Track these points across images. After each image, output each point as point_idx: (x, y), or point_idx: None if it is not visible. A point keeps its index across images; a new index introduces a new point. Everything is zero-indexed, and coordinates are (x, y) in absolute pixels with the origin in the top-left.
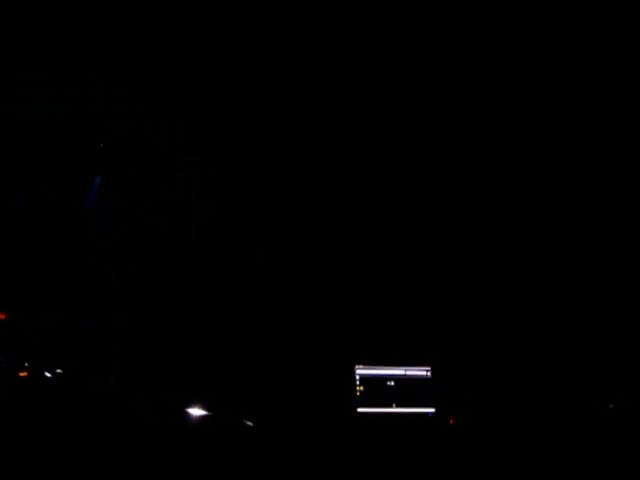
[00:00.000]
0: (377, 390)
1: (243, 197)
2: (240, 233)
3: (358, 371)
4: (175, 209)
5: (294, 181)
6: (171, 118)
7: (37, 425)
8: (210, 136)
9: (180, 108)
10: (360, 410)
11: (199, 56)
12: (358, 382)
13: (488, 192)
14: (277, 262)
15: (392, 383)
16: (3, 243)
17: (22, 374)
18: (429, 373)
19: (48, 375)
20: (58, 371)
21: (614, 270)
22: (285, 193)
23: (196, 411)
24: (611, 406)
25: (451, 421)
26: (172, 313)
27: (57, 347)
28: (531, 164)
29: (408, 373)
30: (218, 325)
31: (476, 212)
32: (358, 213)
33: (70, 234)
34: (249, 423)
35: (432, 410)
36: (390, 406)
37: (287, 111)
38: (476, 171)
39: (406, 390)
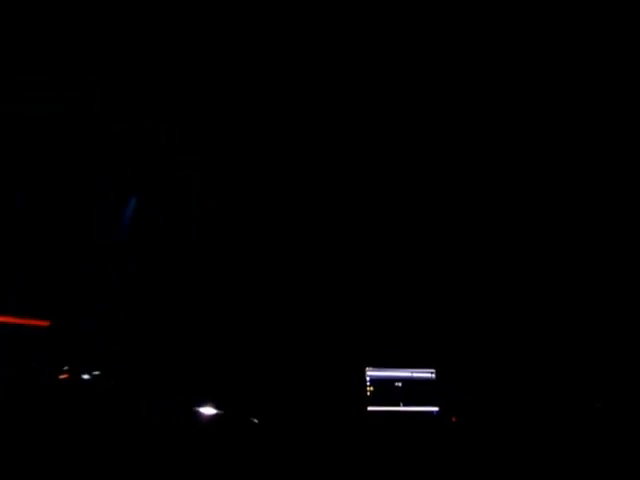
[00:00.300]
0: (386, 390)
1: (243, 197)
2: (242, 233)
3: (368, 373)
4: (175, 209)
5: (297, 182)
6: (171, 118)
7: (73, 422)
8: (210, 136)
9: (180, 108)
10: (370, 409)
11: (199, 56)
12: (368, 383)
13: (494, 198)
14: (290, 268)
15: (399, 384)
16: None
17: (63, 376)
18: (434, 375)
19: (86, 377)
20: (95, 373)
21: (612, 277)
22: (288, 194)
23: (207, 410)
24: (597, 405)
25: (453, 419)
26: (187, 317)
27: (93, 350)
28: (533, 165)
29: (414, 375)
30: (234, 329)
31: (480, 221)
32: (366, 224)
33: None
34: (255, 421)
35: (436, 409)
36: (398, 405)
37: (287, 111)
38: (485, 176)
39: (412, 390)
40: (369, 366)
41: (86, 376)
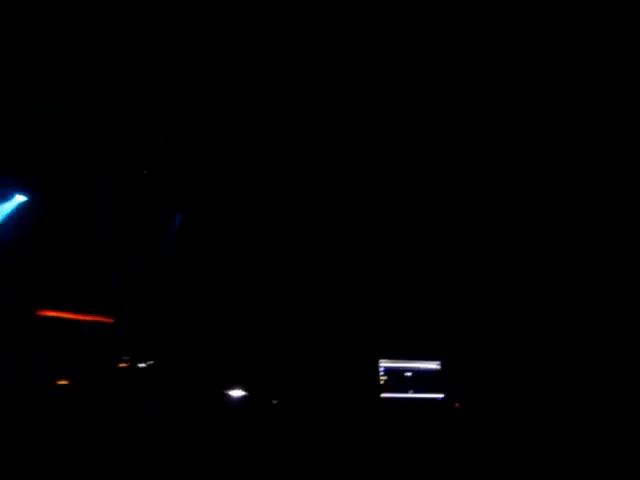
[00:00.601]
0: (397, 379)
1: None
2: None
3: (382, 364)
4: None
5: (301, 180)
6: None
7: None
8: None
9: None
10: (383, 395)
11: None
12: (382, 373)
13: (498, 193)
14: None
15: (410, 374)
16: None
17: (122, 365)
18: (439, 366)
19: (142, 365)
20: (150, 362)
21: (615, 270)
22: (294, 193)
23: (236, 392)
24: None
25: (457, 405)
26: (220, 317)
27: (147, 343)
28: (539, 163)
29: (422, 366)
30: (263, 326)
31: (483, 224)
32: (375, 227)
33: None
34: (275, 402)
35: (442, 396)
36: (407, 392)
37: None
38: (490, 176)
39: (421, 379)
40: (383, 358)
41: (142, 365)
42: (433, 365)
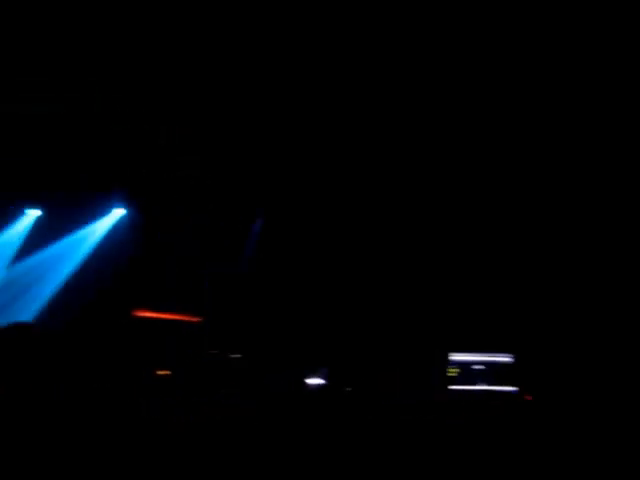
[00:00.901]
0: (468, 372)
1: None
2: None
3: (453, 357)
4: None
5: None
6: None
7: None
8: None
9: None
10: (452, 387)
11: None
12: (453, 366)
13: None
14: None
15: (482, 367)
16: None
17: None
18: (513, 359)
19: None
20: (238, 355)
21: None
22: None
23: (316, 381)
24: None
25: (528, 398)
26: (297, 316)
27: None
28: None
29: (495, 359)
30: (341, 319)
31: (563, 218)
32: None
33: None
34: (348, 389)
35: (515, 389)
36: (479, 384)
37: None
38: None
39: (492, 372)
40: (454, 351)
41: (229, 357)
42: (506, 358)
